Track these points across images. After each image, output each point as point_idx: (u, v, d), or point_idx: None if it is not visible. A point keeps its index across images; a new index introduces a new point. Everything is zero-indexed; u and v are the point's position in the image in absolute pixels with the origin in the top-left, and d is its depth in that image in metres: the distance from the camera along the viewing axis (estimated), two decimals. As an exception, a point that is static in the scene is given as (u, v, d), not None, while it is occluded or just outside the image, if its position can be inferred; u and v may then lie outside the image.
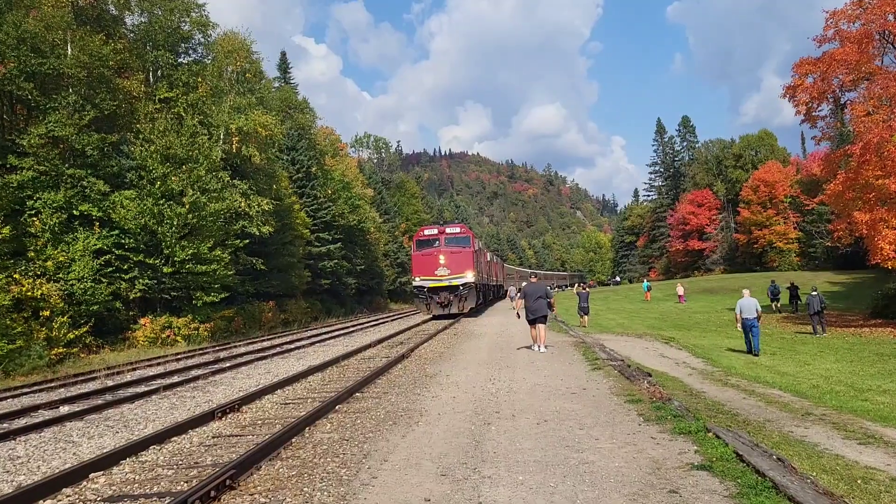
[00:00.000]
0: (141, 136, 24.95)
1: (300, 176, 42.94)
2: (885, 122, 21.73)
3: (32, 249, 21.02)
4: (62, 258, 21.32)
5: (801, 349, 16.83)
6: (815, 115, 26.72)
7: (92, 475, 5.54)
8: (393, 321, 32.59)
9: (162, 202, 23.86)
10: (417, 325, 24.78)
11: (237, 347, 21.64)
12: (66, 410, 9.98)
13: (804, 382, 11.19)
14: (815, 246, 60.06)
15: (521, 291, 13.78)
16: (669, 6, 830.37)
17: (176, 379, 13.12)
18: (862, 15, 23.94)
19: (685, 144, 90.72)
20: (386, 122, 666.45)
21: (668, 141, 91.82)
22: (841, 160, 25.72)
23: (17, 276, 19.34)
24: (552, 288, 61.58)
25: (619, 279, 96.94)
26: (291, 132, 43.65)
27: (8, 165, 21.66)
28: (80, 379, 14.66)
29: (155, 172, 24.14)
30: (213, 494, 4.63)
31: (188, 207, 24.25)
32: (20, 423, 9.07)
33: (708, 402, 8.76)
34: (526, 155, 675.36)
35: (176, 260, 24.12)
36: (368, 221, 54.29)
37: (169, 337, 24.00)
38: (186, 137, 25.66)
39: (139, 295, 23.97)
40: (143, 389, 11.71)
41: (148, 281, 23.83)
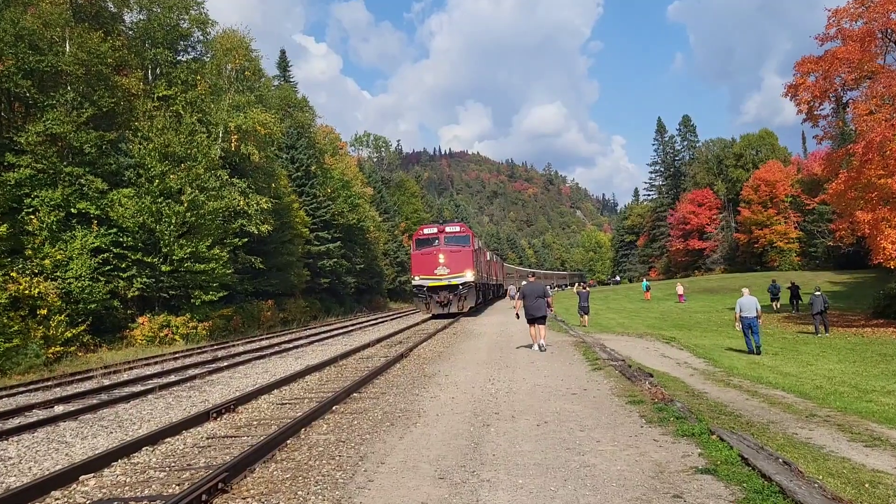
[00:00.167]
0: (139, 133, 24.83)
1: (299, 174, 42.78)
2: (887, 120, 21.60)
3: (30, 247, 20.93)
4: (60, 256, 21.22)
5: (803, 349, 16.71)
6: (816, 114, 26.60)
7: (82, 477, 5.42)
8: (392, 320, 32.48)
9: (160, 200, 23.73)
10: (416, 324, 24.67)
11: (235, 346, 21.54)
12: (60, 410, 9.87)
13: (807, 383, 11.07)
14: (815, 246, 59.96)
15: (519, 291, 13.66)
16: (670, 5, 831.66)
17: (173, 378, 13.02)
18: (864, 13, 23.82)
19: (686, 144, 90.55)
20: (386, 121, 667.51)
21: (668, 140, 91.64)
22: (843, 159, 25.58)
23: (14, 274, 19.23)
24: (552, 287, 61.57)
25: (618, 279, 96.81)
26: (291, 130, 43.49)
27: (5, 163, 21.57)
28: (76, 378, 14.55)
29: (153, 170, 24.01)
30: (204, 499, 4.51)
31: (187, 206, 24.12)
32: (13, 422, 8.96)
33: (710, 403, 8.64)
34: (526, 154, 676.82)
35: (174, 258, 23.99)
36: (368, 220, 54.14)
37: (167, 336, 23.88)
38: (185, 135, 25.52)
39: (137, 293, 23.85)
40: (139, 389, 11.61)
41: (146, 279, 23.70)
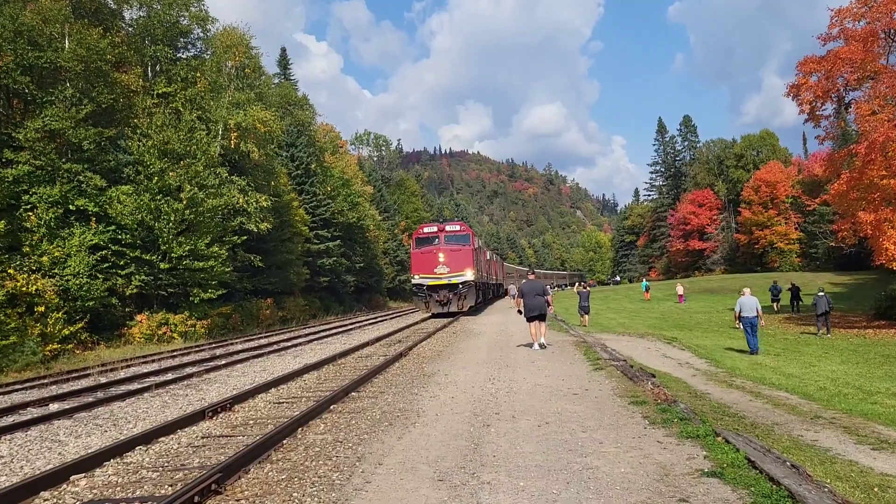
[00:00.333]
0: (138, 130, 24.71)
1: (299, 173, 42.64)
2: (890, 121, 21.49)
3: (28, 244, 20.83)
4: (58, 253, 21.11)
5: (805, 350, 16.60)
6: (818, 114, 26.51)
7: (73, 477, 5.30)
8: (392, 319, 32.36)
9: (159, 197, 23.61)
10: (416, 323, 24.56)
11: (234, 345, 21.43)
12: (55, 408, 9.76)
13: (811, 384, 10.96)
14: (816, 247, 59.83)
15: (518, 290, 13.56)
16: (671, 6, 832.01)
17: (170, 376, 12.90)
18: (867, 13, 23.71)
19: (686, 144, 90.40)
20: (387, 120, 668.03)
21: (669, 140, 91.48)
22: (844, 160, 25.47)
23: (11, 271, 19.14)
24: (551, 287, 61.46)
25: (618, 279, 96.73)
26: (291, 128, 43.35)
27: (4, 159, 21.45)
28: (72, 376, 14.45)
29: (152, 167, 23.90)
30: (196, 500, 4.39)
31: (185, 203, 24.00)
32: (7, 420, 8.85)
33: (713, 403, 8.53)
34: (526, 154, 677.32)
35: (173, 256, 23.89)
36: (368, 219, 54.00)
37: (165, 334, 23.78)
38: (184, 132, 25.40)
39: (135, 291, 23.74)
40: (135, 387, 11.49)
41: (144, 277, 23.59)
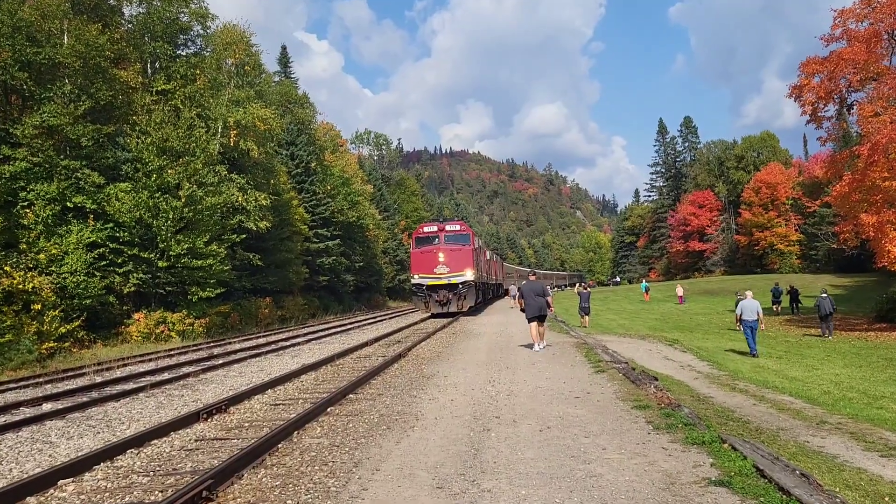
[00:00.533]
0: (137, 127, 24.54)
1: (299, 171, 42.48)
2: (893, 122, 21.37)
3: (25, 242, 20.67)
4: (55, 251, 20.95)
5: (807, 353, 16.47)
6: (821, 115, 26.40)
7: (61, 482, 5.16)
8: (391, 319, 32.22)
9: (158, 195, 23.46)
10: (415, 323, 24.41)
11: (232, 344, 21.29)
12: (48, 408, 9.62)
13: (814, 388, 10.82)
14: (816, 248, 59.70)
15: (518, 290, 13.43)
16: (672, 7, 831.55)
17: (166, 376, 12.77)
18: (870, 14, 23.62)
19: (687, 145, 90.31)
20: (387, 119, 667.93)
21: (669, 141, 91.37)
22: (846, 161, 25.35)
23: (8, 268, 18.96)
24: (551, 287, 61.29)
25: (618, 279, 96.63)
26: (291, 127, 43.18)
27: (1, 156, 21.27)
28: (68, 375, 14.32)
29: (151, 165, 23.74)
30: (187, 507, 4.26)
31: (184, 201, 23.84)
32: (-1, 421, 8.70)
33: (717, 408, 8.39)
34: (526, 154, 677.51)
35: (171, 254, 23.73)
36: (367, 218, 53.82)
37: (163, 332, 23.63)
38: (183, 130, 25.22)
39: (133, 289, 23.58)
40: (130, 387, 11.35)
41: (142, 275, 23.44)
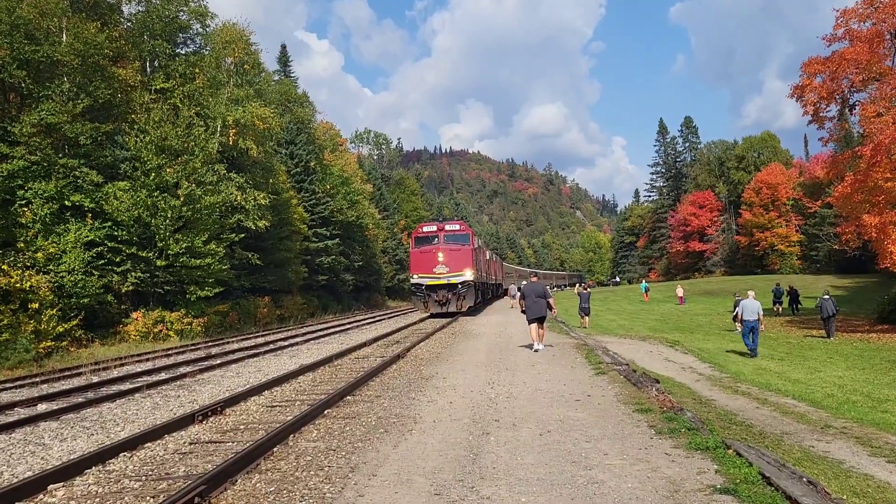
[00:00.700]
0: (136, 126, 24.40)
1: (298, 170, 42.34)
2: (895, 123, 21.25)
3: (22, 240, 20.55)
4: (53, 249, 20.83)
5: (809, 355, 16.36)
6: (822, 115, 26.22)
7: (51, 487, 5.05)
8: (390, 319, 32.12)
9: (156, 194, 23.33)
10: (414, 323, 24.31)
11: (230, 343, 21.19)
12: (43, 409, 9.52)
13: (818, 391, 10.71)
14: (817, 249, 59.61)
15: (520, 291, 13.32)
16: (672, 7, 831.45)
17: (163, 376, 12.66)
18: (873, 14, 23.47)
19: (687, 145, 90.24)
20: (387, 119, 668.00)
21: (670, 141, 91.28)
22: (848, 162, 25.22)
23: (5, 267, 18.82)
24: (551, 287, 61.16)
25: (618, 280, 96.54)
26: (290, 126, 43.02)
27: (-1, 154, 21.16)
28: (64, 374, 14.21)
29: (149, 164, 23.61)
30: (178, 514, 4.15)
31: (183, 200, 23.72)
32: (-8, 422, 8.58)
33: (720, 411, 8.28)
34: (526, 154, 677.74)
35: (170, 253, 23.61)
36: (367, 217, 53.68)
37: (161, 332, 23.52)
38: (182, 129, 25.10)
39: (131, 288, 23.47)
40: (127, 387, 11.24)
41: (141, 274, 23.32)
